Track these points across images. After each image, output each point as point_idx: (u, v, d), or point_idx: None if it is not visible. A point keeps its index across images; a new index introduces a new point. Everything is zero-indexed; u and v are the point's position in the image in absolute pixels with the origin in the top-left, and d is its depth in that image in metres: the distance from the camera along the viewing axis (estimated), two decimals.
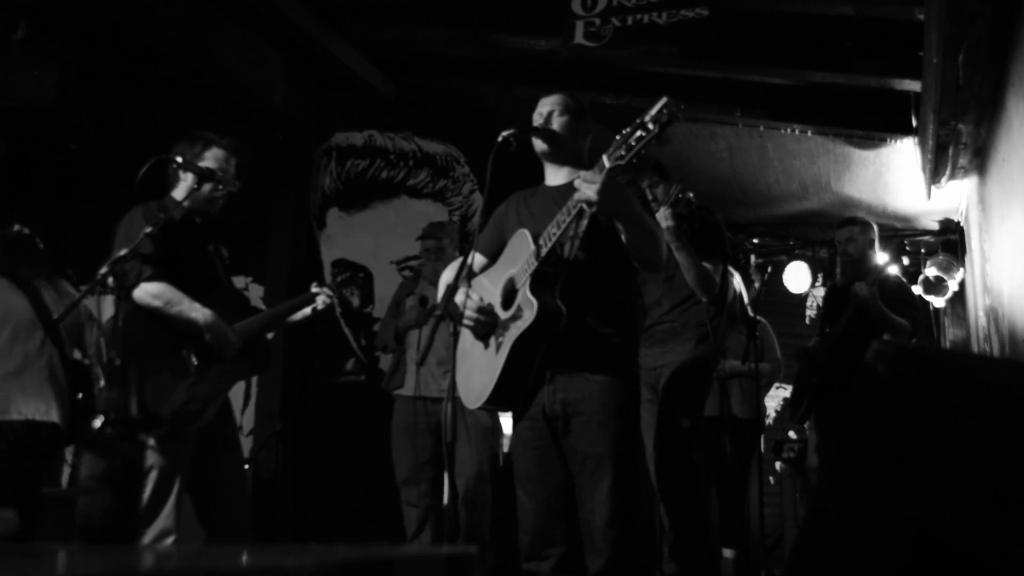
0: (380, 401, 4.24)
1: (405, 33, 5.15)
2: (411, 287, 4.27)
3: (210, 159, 2.92)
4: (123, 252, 2.86)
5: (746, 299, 4.59)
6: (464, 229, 5.71)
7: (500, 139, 2.39)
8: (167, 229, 2.82)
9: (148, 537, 2.73)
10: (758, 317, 4.42)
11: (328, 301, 3.25)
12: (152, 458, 2.76)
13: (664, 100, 2.14)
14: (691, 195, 3.32)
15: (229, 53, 4.94)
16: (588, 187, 2.21)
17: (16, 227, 3.85)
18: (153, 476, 2.75)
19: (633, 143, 2.16)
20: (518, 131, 2.44)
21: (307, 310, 3.25)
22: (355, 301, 5.51)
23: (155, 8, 4.47)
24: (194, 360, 2.82)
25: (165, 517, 2.74)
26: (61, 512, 3.71)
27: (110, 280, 3.58)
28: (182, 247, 2.90)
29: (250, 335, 2.96)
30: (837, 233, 4.24)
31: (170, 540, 2.74)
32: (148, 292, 2.75)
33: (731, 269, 3.90)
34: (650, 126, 2.14)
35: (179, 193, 2.93)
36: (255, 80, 5.14)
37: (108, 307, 2.79)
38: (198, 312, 2.79)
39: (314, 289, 3.25)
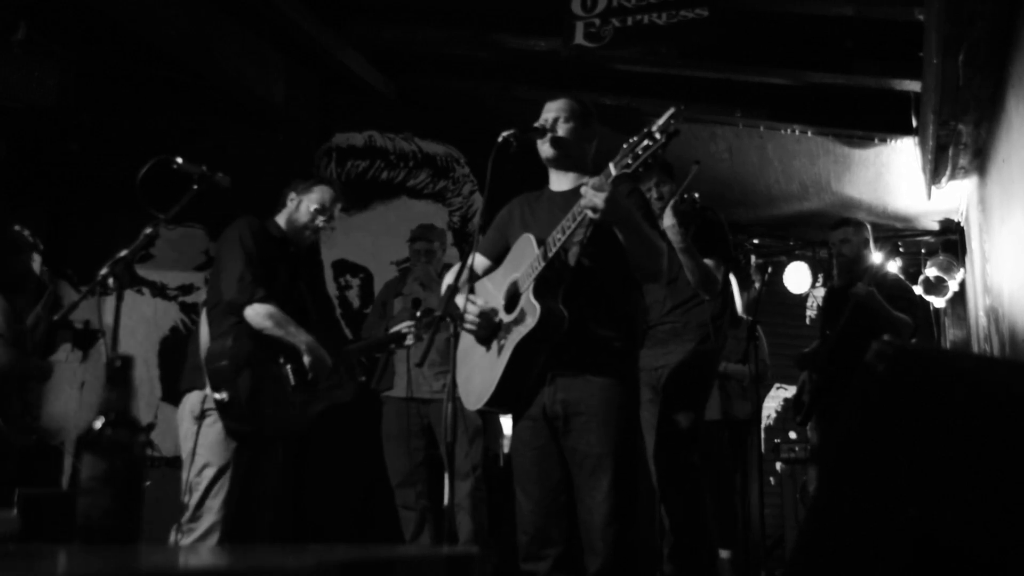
0: (380, 402, 4.24)
1: (405, 33, 5.14)
2: (397, 288, 4.27)
3: (318, 192, 3.18)
4: (123, 253, 2.87)
5: (738, 300, 4.59)
6: (464, 230, 5.71)
7: (500, 139, 2.40)
8: (266, 248, 3.01)
9: (197, 532, 2.82)
10: (746, 317, 4.41)
11: (413, 338, 3.47)
12: (208, 456, 2.86)
13: (672, 110, 2.15)
14: (696, 195, 3.32)
15: (229, 53, 4.94)
16: (595, 195, 2.22)
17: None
18: (209, 473, 2.85)
19: (640, 152, 2.17)
20: (518, 131, 2.44)
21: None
22: (355, 302, 5.51)
23: (155, 8, 4.46)
24: (292, 378, 2.95)
25: (215, 513, 2.84)
26: (61, 512, 3.71)
27: (110, 281, 3.58)
28: (278, 269, 3.06)
29: (347, 362, 3.18)
30: (831, 235, 4.25)
31: (215, 538, 2.82)
32: (259, 313, 2.90)
33: None
34: (657, 135, 2.15)
35: (281, 218, 3.18)
36: (256, 80, 5.14)
37: (109, 309, 2.81)
38: (302, 337, 2.95)
39: (404, 329, 3.45)
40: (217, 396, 2.81)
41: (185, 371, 3.10)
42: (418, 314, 3.51)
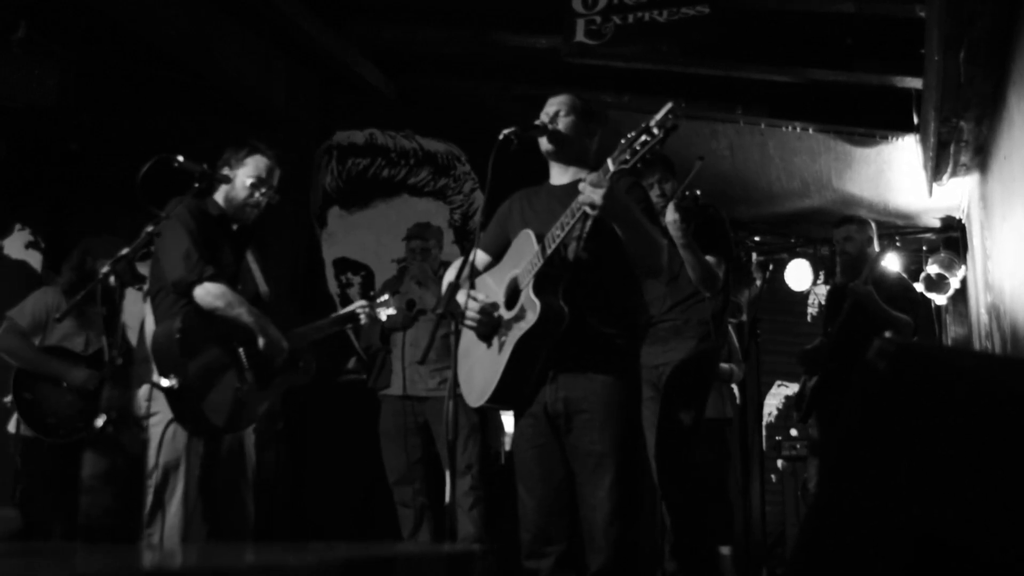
0: (378, 400, 4.24)
1: (405, 33, 5.14)
2: (394, 286, 4.27)
3: (251, 165, 2.98)
4: (125, 251, 2.87)
5: None
6: (465, 228, 5.71)
7: (501, 137, 2.40)
8: (205, 228, 2.85)
9: (156, 535, 2.72)
10: (732, 320, 4.40)
11: (366, 318, 3.33)
12: (155, 456, 2.74)
13: (669, 105, 2.14)
14: (697, 192, 3.32)
15: (230, 53, 4.94)
16: (592, 191, 2.21)
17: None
18: (157, 475, 2.74)
19: (638, 147, 2.16)
20: (519, 129, 2.44)
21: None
22: (356, 300, 5.51)
23: (155, 8, 4.46)
24: (245, 361, 2.82)
25: (173, 513, 2.73)
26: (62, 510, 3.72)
27: (112, 279, 3.57)
28: (221, 250, 2.92)
29: (299, 344, 3.00)
30: (835, 232, 4.25)
31: (177, 537, 2.74)
32: (210, 292, 2.74)
33: None
34: (655, 131, 2.14)
35: (219, 196, 2.99)
36: (256, 80, 5.14)
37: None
38: (254, 317, 2.79)
39: (356, 308, 3.31)
40: (165, 382, 2.63)
41: (133, 368, 3.01)
42: (371, 293, 3.45)
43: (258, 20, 4.92)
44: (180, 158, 2.86)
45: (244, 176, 2.97)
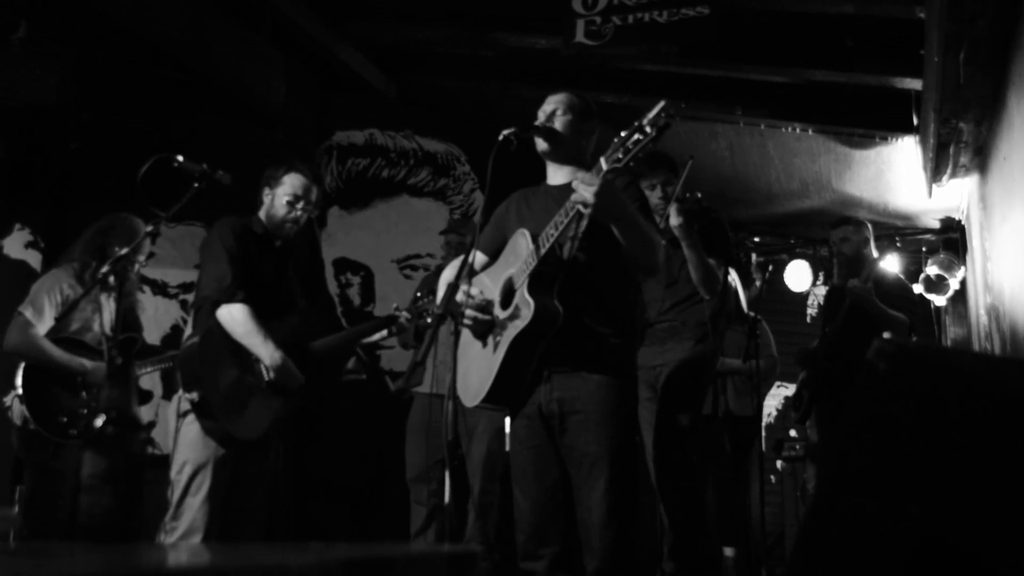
0: (381, 400, 4.24)
1: (405, 33, 5.14)
2: (432, 284, 4.25)
3: (288, 183, 3.09)
4: (124, 251, 2.89)
5: (742, 296, 4.59)
6: None
7: (501, 138, 2.39)
8: (247, 245, 2.95)
9: (178, 531, 2.81)
10: (751, 314, 4.41)
11: (405, 323, 3.45)
12: (186, 454, 2.84)
13: (662, 104, 2.13)
14: (698, 194, 3.32)
15: (230, 53, 4.94)
16: (585, 189, 2.21)
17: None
18: (187, 471, 2.83)
19: (630, 146, 2.15)
20: (519, 130, 2.43)
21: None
22: (356, 300, 5.51)
23: (156, 8, 4.46)
24: (266, 375, 2.92)
25: (195, 511, 2.81)
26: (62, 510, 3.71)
27: (111, 279, 3.56)
28: (261, 267, 3.01)
29: (324, 354, 3.10)
30: (832, 234, 4.26)
31: (198, 536, 2.81)
32: (233, 317, 2.86)
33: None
34: (647, 129, 2.13)
35: (261, 213, 3.10)
36: (256, 80, 5.14)
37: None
38: (268, 349, 2.88)
39: (394, 311, 3.44)
40: (188, 396, 2.79)
41: (174, 373, 3.11)
42: (417, 295, 3.49)
43: (258, 20, 4.92)
44: (180, 158, 2.88)
45: (282, 194, 3.08)
